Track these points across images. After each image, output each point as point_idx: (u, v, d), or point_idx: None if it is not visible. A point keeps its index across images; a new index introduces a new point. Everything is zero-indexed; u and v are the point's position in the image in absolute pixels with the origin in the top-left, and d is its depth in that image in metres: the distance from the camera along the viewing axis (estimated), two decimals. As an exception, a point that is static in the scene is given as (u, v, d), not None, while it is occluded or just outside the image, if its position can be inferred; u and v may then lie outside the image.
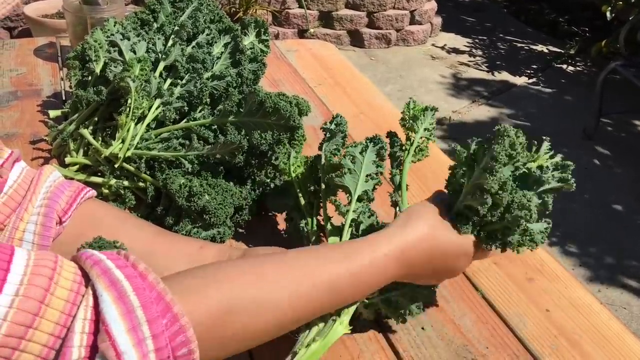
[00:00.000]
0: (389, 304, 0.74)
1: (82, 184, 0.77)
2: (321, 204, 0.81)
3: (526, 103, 3.79)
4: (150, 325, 0.47)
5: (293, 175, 0.88)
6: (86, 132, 0.91)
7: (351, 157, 0.77)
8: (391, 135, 0.85)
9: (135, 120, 0.90)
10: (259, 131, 0.87)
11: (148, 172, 0.90)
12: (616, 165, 3.15)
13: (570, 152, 3.22)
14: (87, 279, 0.48)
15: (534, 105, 3.78)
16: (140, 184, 0.91)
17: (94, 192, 0.78)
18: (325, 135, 0.85)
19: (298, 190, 0.86)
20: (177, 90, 0.95)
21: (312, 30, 4.11)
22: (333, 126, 0.85)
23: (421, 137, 0.86)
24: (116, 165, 0.89)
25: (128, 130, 0.89)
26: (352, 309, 0.67)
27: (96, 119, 0.97)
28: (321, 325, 0.66)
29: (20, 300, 0.43)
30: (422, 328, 0.77)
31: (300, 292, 0.59)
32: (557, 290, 0.86)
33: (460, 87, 3.91)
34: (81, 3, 1.27)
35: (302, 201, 0.85)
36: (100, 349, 0.45)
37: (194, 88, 0.95)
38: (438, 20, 4.60)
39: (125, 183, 0.91)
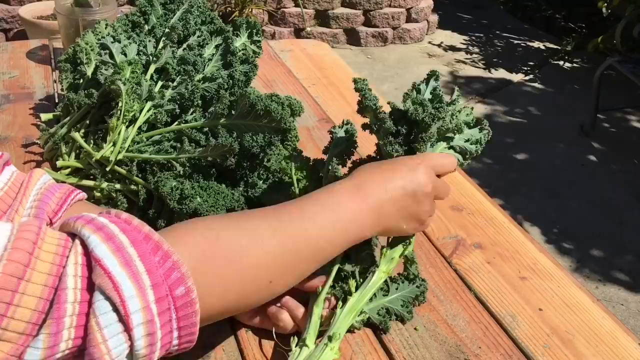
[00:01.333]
0: (379, 313, 0.75)
1: (72, 187, 0.76)
2: None
3: (523, 100, 3.79)
4: (143, 260, 0.46)
5: (294, 177, 0.87)
6: (77, 136, 0.91)
7: None
8: None
9: (127, 123, 0.90)
10: (250, 134, 0.87)
11: (140, 175, 0.90)
12: (613, 162, 3.15)
13: (567, 149, 3.22)
14: (74, 237, 0.48)
15: (531, 102, 3.78)
16: (132, 187, 0.91)
17: (84, 195, 0.78)
18: (332, 139, 0.84)
19: (297, 192, 0.85)
20: (168, 93, 0.95)
21: (308, 29, 4.11)
22: (342, 132, 0.84)
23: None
24: (108, 169, 0.89)
25: (119, 134, 0.89)
26: (342, 335, 0.69)
27: (88, 122, 0.97)
28: (312, 348, 0.67)
29: (8, 253, 0.43)
30: (415, 328, 0.77)
31: (284, 227, 0.61)
32: (550, 289, 0.86)
33: (457, 84, 3.91)
34: (73, 5, 1.27)
35: None
36: (97, 284, 0.44)
37: (185, 90, 0.95)
38: (434, 18, 4.60)
39: (117, 186, 0.91)
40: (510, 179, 2.94)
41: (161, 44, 0.97)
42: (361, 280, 0.74)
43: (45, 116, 1.07)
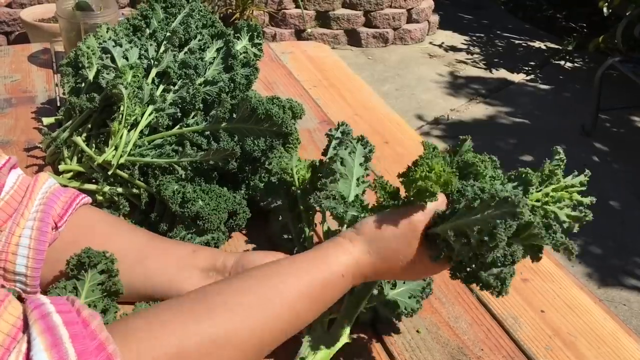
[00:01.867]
0: (387, 304, 0.75)
1: (77, 191, 0.77)
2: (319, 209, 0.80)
3: (524, 100, 3.79)
4: None
5: (296, 178, 0.87)
6: (79, 140, 0.91)
7: (340, 160, 0.77)
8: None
9: (128, 127, 0.90)
10: (251, 138, 0.87)
11: (141, 179, 0.91)
12: (615, 162, 3.15)
13: (568, 149, 3.21)
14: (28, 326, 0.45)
15: (532, 102, 3.77)
16: (134, 190, 0.91)
17: (89, 199, 0.78)
18: (329, 141, 0.84)
19: (299, 191, 0.85)
20: (170, 97, 0.95)
21: (309, 30, 4.11)
22: (339, 134, 0.84)
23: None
24: (110, 172, 0.89)
25: (121, 137, 0.89)
26: (354, 317, 0.69)
27: (89, 125, 0.97)
28: (323, 334, 0.67)
29: None
30: (417, 331, 0.77)
31: (258, 321, 0.55)
32: (552, 291, 0.86)
33: (458, 85, 3.91)
34: (74, 9, 1.27)
35: (301, 206, 0.84)
36: None
37: (186, 94, 0.95)
38: (435, 19, 4.60)
39: (119, 190, 0.91)
40: (512, 179, 2.93)
41: (162, 48, 0.98)
42: None
43: (47, 120, 1.07)
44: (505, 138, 3.32)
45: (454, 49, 4.43)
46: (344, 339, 0.67)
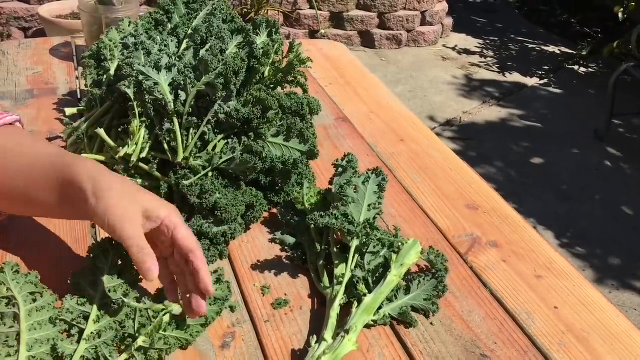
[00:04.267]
0: (401, 311, 0.77)
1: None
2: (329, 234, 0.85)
3: (537, 104, 3.78)
4: None
5: (307, 204, 0.92)
6: (102, 132, 0.93)
7: (354, 187, 0.85)
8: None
9: (147, 124, 0.92)
10: (280, 153, 0.91)
11: (161, 172, 0.92)
12: (627, 167, 3.14)
13: (581, 153, 3.21)
14: None
15: (546, 106, 3.77)
16: (154, 181, 0.93)
17: (7, 121, 0.80)
18: (336, 171, 0.90)
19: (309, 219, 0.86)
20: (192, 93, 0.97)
21: (323, 31, 4.13)
22: (345, 163, 0.90)
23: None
24: (131, 165, 0.91)
25: (140, 134, 0.91)
26: (359, 328, 0.72)
27: (111, 116, 0.99)
28: (330, 341, 0.70)
29: None
30: (431, 323, 0.78)
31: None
32: (566, 288, 0.86)
33: (471, 87, 3.91)
34: (96, 3, 1.29)
35: (313, 232, 0.87)
36: None
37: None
38: (449, 21, 4.60)
39: (139, 181, 0.93)
40: (524, 182, 2.93)
41: (184, 45, 0.99)
42: (374, 285, 0.79)
43: (69, 111, 1.09)
44: (517, 141, 3.31)
45: (467, 52, 4.43)
46: (349, 346, 0.70)
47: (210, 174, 0.90)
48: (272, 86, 1.08)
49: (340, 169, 0.90)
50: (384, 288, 0.77)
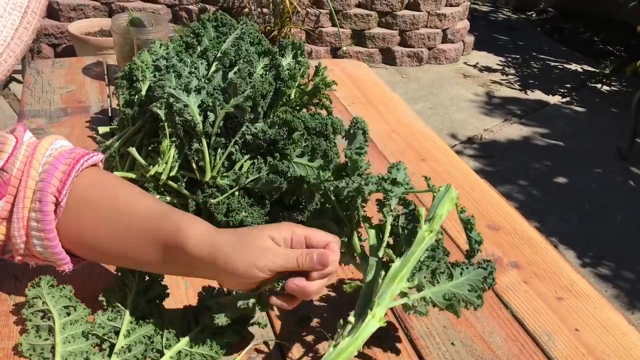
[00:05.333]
0: (445, 297, 0.70)
1: (79, 153, 0.74)
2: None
3: (560, 122, 3.77)
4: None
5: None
6: (134, 151, 0.96)
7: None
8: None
9: (176, 144, 0.95)
10: (304, 173, 0.93)
11: (190, 190, 0.95)
12: (651, 186, 3.11)
13: (604, 173, 3.18)
14: None
15: (568, 124, 3.75)
16: (182, 199, 0.96)
17: (97, 158, 0.76)
18: (346, 140, 0.84)
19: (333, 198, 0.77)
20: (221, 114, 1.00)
21: (344, 48, 4.17)
22: (352, 130, 0.82)
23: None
24: (160, 183, 0.94)
25: (170, 153, 0.94)
26: (388, 300, 0.64)
27: (142, 135, 1.03)
28: (353, 320, 0.65)
29: None
30: (452, 343, 0.79)
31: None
32: (587, 310, 0.87)
33: (493, 105, 3.91)
34: (128, 25, 1.34)
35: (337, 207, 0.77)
36: None
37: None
38: (470, 39, 4.61)
39: (168, 198, 0.96)
40: (546, 201, 2.92)
41: (213, 67, 1.02)
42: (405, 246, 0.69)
43: (102, 129, 1.13)
44: (539, 159, 3.30)
45: (488, 69, 4.43)
46: (375, 324, 0.62)
47: (236, 193, 0.93)
48: (297, 107, 1.10)
49: (350, 138, 0.81)
50: (413, 248, 0.67)
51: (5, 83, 3.18)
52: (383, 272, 0.69)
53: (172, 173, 0.95)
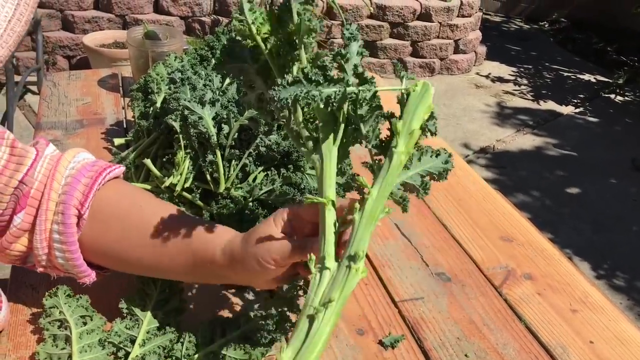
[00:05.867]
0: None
1: (101, 166, 0.74)
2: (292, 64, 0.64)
3: (573, 133, 3.75)
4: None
5: (255, 32, 0.64)
6: (149, 162, 0.97)
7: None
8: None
9: (191, 155, 0.96)
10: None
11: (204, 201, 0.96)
12: (667, 197, 3.08)
13: (618, 183, 3.16)
14: None
15: (581, 135, 3.73)
16: (197, 210, 0.97)
17: (119, 171, 0.76)
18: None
19: (265, 49, 0.64)
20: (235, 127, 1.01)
21: (356, 59, 4.18)
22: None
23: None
24: (175, 194, 0.95)
25: (184, 164, 0.95)
26: (365, 250, 0.57)
27: (157, 146, 1.04)
28: (334, 270, 0.57)
29: None
30: (466, 355, 0.79)
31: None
32: (602, 322, 0.86)
33: (505, 115, 3.90)
34: (144, 38, 1.36)
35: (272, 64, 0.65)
36: None
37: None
38: (483, 49, 4.61)
39: (183, 209, 0.97)
40: (560, 212, 2.90)
41: (228, 80, 1.03)
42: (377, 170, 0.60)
43: (118, 141, 1.15)
44: (552, 170, 3.28)
45: (501, 80, 4.43)
46: (358, 277, 0.56)
47: (250, 204, 0.94)
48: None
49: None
50: (389, 177, 0.59)
51: (21, 95, 3.22)
52: (357, 206, 0.59)
53: (187, 184, 0.96)
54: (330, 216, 0.60)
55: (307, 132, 0.65)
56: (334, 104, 0.60)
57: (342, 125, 0.64)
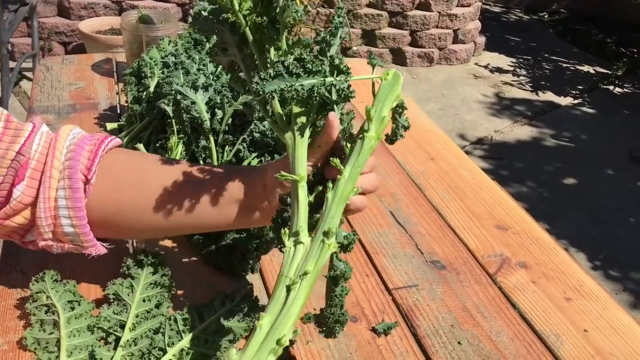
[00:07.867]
0: None
1: (102, 135, 0.75)
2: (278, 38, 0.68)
3: (571, 124, 3.74)
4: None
5: (237, 8, 0.66)
6: (142, 147, 0.96)
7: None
8: None
9: (184, 140, 0.95)
10: None
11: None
12: (664, 189, 3.08)
13: (615, 175, 3.15)
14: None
15: (579, 126, 3.72)
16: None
17: (116, 141, 0.76)
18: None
19: (246, 26, 0.67)
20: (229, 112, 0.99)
21: (354, 48, 4.16)
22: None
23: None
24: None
25: (177, 149, 0.94)
26: (337, 226, 0.59)
27: (150, 131, 1.03)
28: (308, 245, 0.59)
29: None
30: (459, 342, 0.78)
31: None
32: (596, 311, 0.86)
33: (503, 106, 3.89)
34: (138, 22, 1.34)
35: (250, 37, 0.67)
36: None
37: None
38: (482, 40, 4.59)
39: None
40: (556, 203, 2.90)
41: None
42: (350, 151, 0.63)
43: (110, 125, 1.13)
44: (550, 161, 3.28)
45: (499, 70, 4.41)
46: (330, 250, 0.58)
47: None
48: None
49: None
50: (360, 158, 0.61)
51: (16, 81, 3.20)
52: (330, 184, 0.62)
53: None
54: (303, 192, 0.62)
55: (281, 113, 0.68)
56: (316, 96, 0.63)
57: (315, 107, 0.67)
